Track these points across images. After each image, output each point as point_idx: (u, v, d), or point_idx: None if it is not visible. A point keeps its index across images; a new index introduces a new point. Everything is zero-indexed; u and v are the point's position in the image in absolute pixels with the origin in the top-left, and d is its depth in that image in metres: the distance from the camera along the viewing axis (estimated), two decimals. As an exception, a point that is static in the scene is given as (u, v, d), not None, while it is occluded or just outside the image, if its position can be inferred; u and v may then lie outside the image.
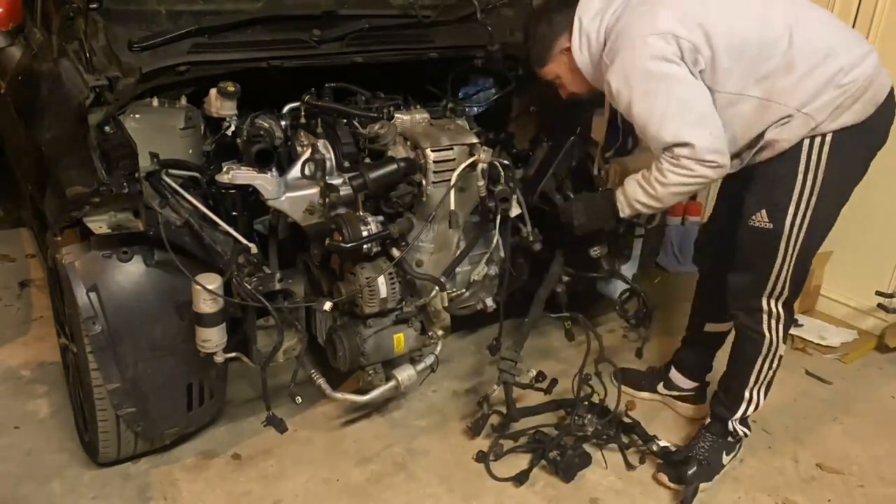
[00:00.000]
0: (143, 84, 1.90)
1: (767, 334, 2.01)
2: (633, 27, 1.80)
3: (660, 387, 2.49)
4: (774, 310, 1.98)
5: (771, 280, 1.94)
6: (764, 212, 1.87)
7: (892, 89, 1.83)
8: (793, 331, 2.94)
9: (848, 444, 2.35)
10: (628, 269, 2.53)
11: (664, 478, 2.11)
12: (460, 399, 2.49)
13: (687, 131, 1.75)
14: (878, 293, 2.87)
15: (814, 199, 1.83)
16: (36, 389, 2.42)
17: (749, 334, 2.04)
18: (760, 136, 1.82)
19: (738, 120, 1.81)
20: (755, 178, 1.90)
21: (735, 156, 1.87)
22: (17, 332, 2.73)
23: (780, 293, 1.96)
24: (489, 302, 2.38)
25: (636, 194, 1.94)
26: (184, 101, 2.00)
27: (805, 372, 2.72)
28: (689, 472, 2.05)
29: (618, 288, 2.56)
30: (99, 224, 1.79)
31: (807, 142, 1.79)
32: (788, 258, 1.90)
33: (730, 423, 2.13)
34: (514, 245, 2.25)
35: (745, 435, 2.17)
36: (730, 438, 2.15)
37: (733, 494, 2.11)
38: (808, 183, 1.81)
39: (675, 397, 2.46)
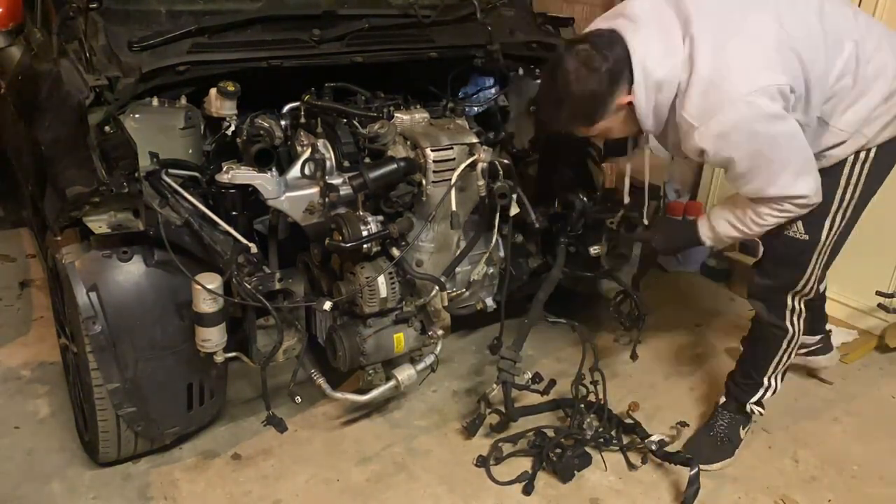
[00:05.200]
0: (143, 84, 1.90)
1: (791, 328, 2.07)
2: (729, 84, 1.60)
3: None
4: (798, 307, 2.04)
5: (801, 283, 1.98)
6: (800, 223, 1.87)
7: None
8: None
9: (848, 444, 2.34)
10: (629, 269, 2.53)
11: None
12: (460, 399, 2.49)
13: (797, 185, 1.71)
14: (878, 293, 2.87)
15: (850, 210, 1.87)
16: (36, 389, 2.42)
17: (772, 330, 2.09)
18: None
19: None
20: None
21: None
22: (17, 332, 2.73)
23: (808, 293, 2.02)
24: (489, 302, 2.39)
25: (727, 231, 1.90)
26: (184, 101, 2.00)
27: (805, 372, 2.71)
28: (715, 451, 2.17)
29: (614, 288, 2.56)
30: (99, 224, 1.79)
31: (851, 157, 1.79)
32: (820, 264, 1.94)
33: (747, 405, 2.21)
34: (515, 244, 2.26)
35: (761, 414, 2.24)
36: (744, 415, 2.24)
37: (733, 494, 2.11)
38: (847, 197, 1.84)
39: (804, 354, 2.50)
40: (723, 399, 2.28)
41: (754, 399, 2.19)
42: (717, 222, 1.91)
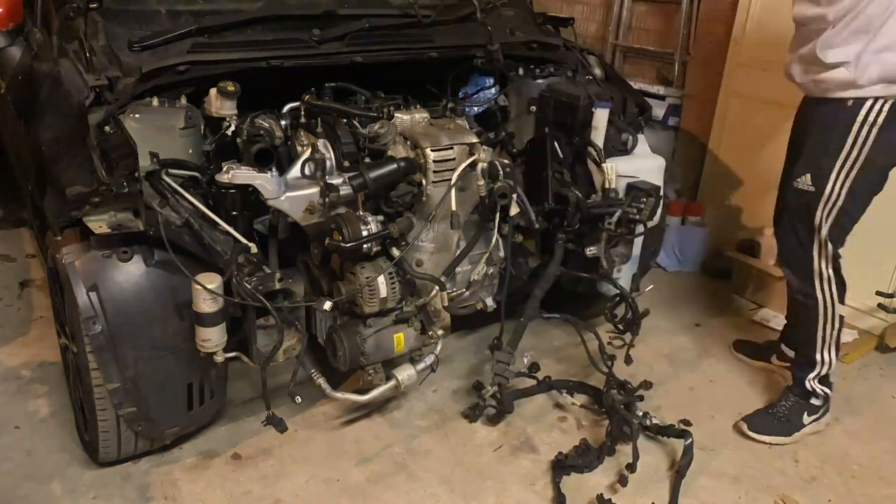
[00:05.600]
0: (143, 84, 1.90)
1: (821, 297, 2.12)
2: None
3: (773, 358, 2.61)
4: (825, 271, 2.09)
5: (815, 238, 2.05)
6: (809, 175, 2.01)
7: None
8: (793, 331, 2.96)
9: (848, 444, 2.35)
10: (628, 270, 2.53)
11: (744, 426, 2.25)
12: (460, 399, 2.49)
13: None
14: (878, 293, 2.87)
15: (856, 167, 1.96)
16: (36, 389, 2.42)
17: (803, 300, 2.16)
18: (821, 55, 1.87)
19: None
20: (808, 143, 2.01)
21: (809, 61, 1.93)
22: (17, 332, 2.73)
23: (829, 253, 2.07)
24: (489, 302, 2.39)
25: None
26: (184, 101, 2.00)
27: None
28: (770, 424, 2.24)
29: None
30: (99, 224, 1.79)
31: (865, 109, 1.89)
32: (828, 219, 2.02)
33: (807, 382, 2.25)
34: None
35: (826, 395, 2.28)
36: (812, 400, 2.27)
37: (733, 494, 2.11)
38: (855, 152, 1.94)
39: (787, 367, 2.54)
40: (791, 382, 2.34)
41: (812, 375, 2.24)
42: None
